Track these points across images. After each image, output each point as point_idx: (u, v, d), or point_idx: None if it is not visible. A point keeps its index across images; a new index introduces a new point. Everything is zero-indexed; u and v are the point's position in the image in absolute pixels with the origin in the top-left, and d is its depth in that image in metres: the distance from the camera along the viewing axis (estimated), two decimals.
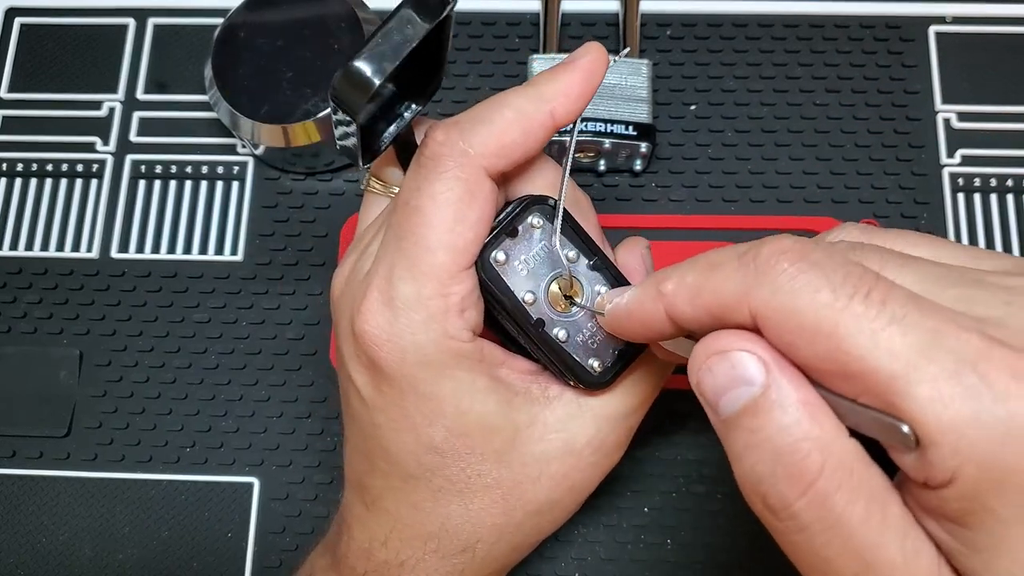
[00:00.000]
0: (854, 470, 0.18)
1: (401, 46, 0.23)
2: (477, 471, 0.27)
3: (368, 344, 0.26)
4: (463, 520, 0.28)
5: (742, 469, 0.19)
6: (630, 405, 0.29)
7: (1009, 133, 0.43)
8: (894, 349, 0.17)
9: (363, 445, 0.28)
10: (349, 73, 0.23)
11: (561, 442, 0.28)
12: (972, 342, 0.16)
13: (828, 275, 0.18)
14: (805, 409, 0.18)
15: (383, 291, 0.26)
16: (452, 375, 0.26)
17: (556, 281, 0.27)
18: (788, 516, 0.18)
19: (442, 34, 0.26)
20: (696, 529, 0.38)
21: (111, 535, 0.38)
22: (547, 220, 0.27)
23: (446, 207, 0.25)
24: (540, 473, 0.28)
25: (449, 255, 0.25)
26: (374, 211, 0.30)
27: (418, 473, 0.27)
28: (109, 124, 0.44)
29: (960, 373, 0.16)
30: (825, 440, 0.18)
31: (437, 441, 0.27)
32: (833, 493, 0.18)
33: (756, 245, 0.19)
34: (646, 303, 0.22)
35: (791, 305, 0.18)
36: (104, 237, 0.42)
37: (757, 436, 0.19)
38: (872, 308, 0.17)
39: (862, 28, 0.44)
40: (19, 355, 0.41)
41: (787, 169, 0.42)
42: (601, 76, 0.27)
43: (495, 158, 0.26)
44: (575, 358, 0.27)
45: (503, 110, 0.26)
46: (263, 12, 0.41)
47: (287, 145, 0.40)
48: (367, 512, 0.29)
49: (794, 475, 0.18)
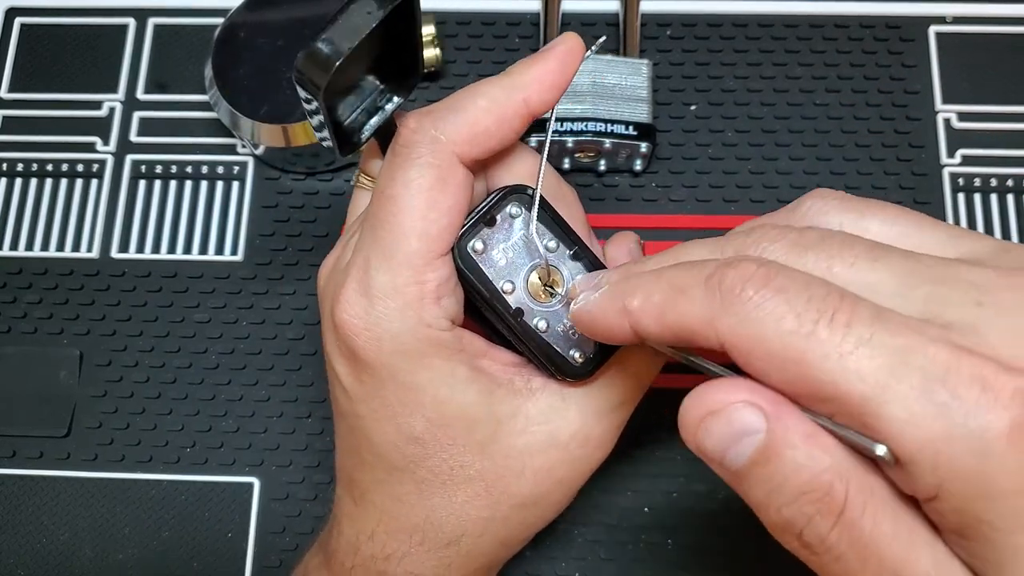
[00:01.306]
0: (873, 489, 0.18)
1: (360, 27, 0.24)
2: (460, 462, 0.27)
3: (346, 333, 0.26)
4: (447, 513, 0.28)
5: (769, 516, 0.19)
6: (616, 399, 0.28)
7: (1009, 133, 0.43)
8: (862, 372, 0.17)
9: (350, 439, 0.28)
10: (310, 53, 0.24)
11: (545, 435, 0.27)
12: (940, 356, 0.16)
13: (791, 301, 0.18)
14: (812, 441, 0.18)
15: (360, 280, 0.26)
16: (430, 364, 0.26)
17: (536, 271, 0.27)
18: (824, 549, 0.18)
19: (412, 20, 0.26)
20: (696, 529, 0.38)
21: (111, 535, 0.38)
22: (525, 209, 0.27)
23: (418, 194, 0.25)
24: (524, 466, 0.27)
25: (422, 242, 0.25)
26: (361, 205, 0.30)
27: (402, 465, 0.27)
28: (109, 124, 0.44)
29: (930, 391, 0.16)
30: (841, 467, 0.18)
31: (418, 431, 0.27)
32: (860, 517, 0.18)
33: (722, 268, 0.19)
34: (610, 315, 0.22)
35: (758, 334, 0.18)
36: (104, 237, 0.42)
37: (776, 481, 0.18)
38: (837, 333, 0.17)
39: (862, 28, 0.44)
40: (19, 355, 0.41)
41: (787, 169, 0.42)
42: (576, 65, 0.27)
43: (467, 145, 0.26)
44: (556, 348, 0.27)
45: (476, 99, 0.26)
46: (263, 12, 0.41)
47: (287, 145, 0.40)
48: (355, 507, 0.29)
49: (823, 509, 0.18)
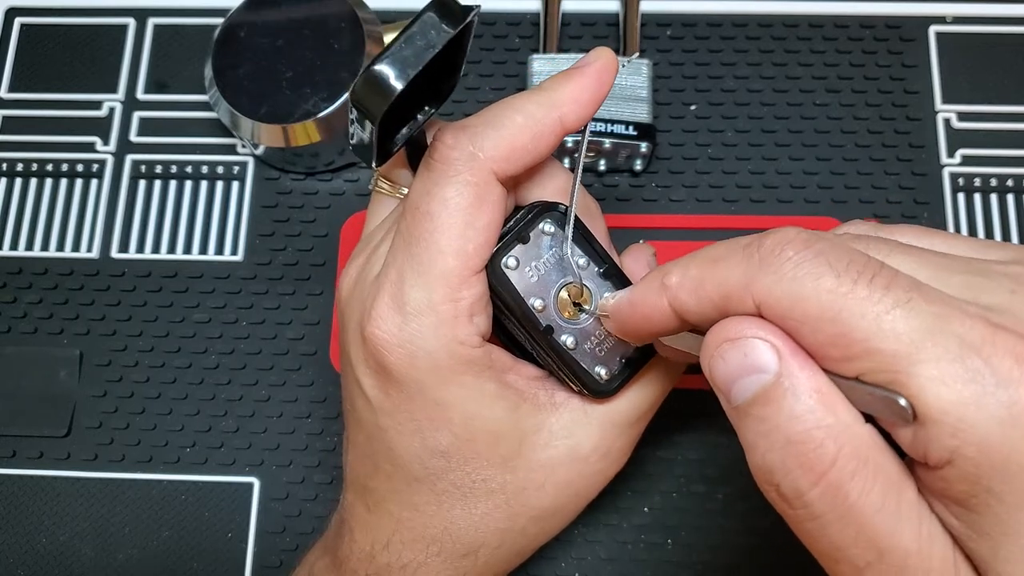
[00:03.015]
0: (869, 458, 0.18)
1: (423, 52, 0.23)
2: (482, 476, 0.27)
3: (378, 348, 0.26)
4: (467, 524, 0.28)
5: (754, 458, 0.19)
6: (636, 412, 0.29)
7: (1009, 133, 0.43)
8: (898, 331, 0.17)
9: (367, 447, 0.28)
10: (371, 76, 0.23)
11: (567, 449, 0.27)
12: (977, 328, 0.17)
13: (832, 262, 0.18)
14: (818, 397, 0.18)
15: (394, 296, 0.26)
16: (461, 381, 0.26)
17: (566, 288, 0.27)
18: (801, 505, 0.18)
19: (463, 39, 0.26)
20: (696, 529, 0.38)
21: (111, 535, 0.38)
22: (559, 227, 0.27)
23: (456, 212, 0.25)
24: (545, 480, 0.27)
25: (460, 260, 0.25)
26: (382, 212, 0.30)
27: (423, 476, 0.27)
28: (109, 124, 0.44)
29: (964, 356, 0.16)
30: (839, 428, 0.18)
31: (444, 446, 0.27)
32: (847, 482, 0.18)
33: (759, 236, 0.19)
34: (649, 296, 0.22)
35: (796, 292, 0.18)
36: (104, 237, 0.42)
37: (769, 424, 0.19)
38: (876, 292, 0.17)
39: (862, 28, 0.44)
40: (19, 355, 0.41)
41: (787, 169, 0.42)
42: (611, 82, 0.27)
43: (505, 162, 0.26)
44: (582, 365, 0.27)
45: (513, 115, 0.26)
46: (263, 12, 0.41)
47: (287, 145, 0.40)
48: (369, 514, 0.29)
49: (806, 464, 0.18)
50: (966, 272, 0.19)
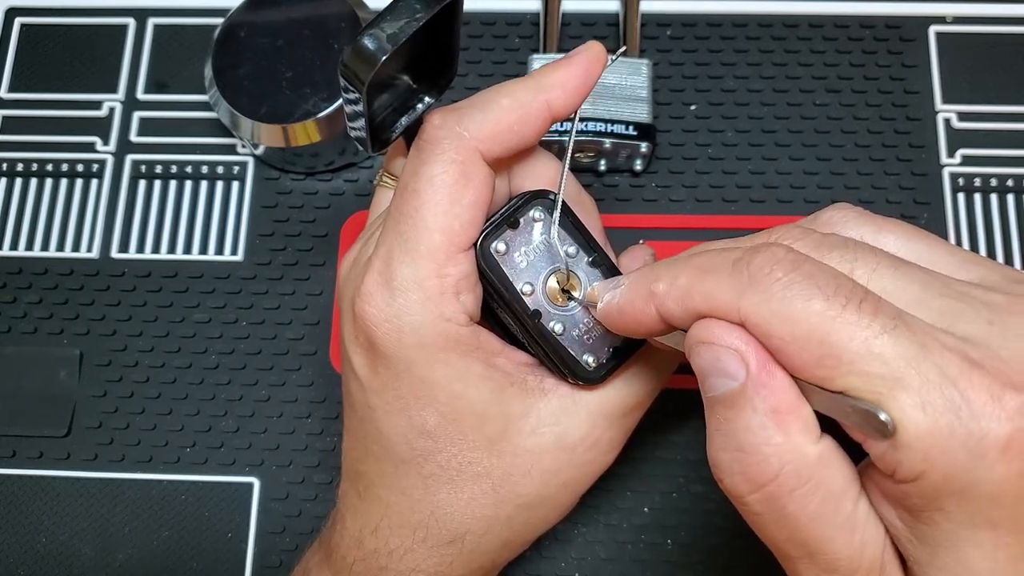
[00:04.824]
0: (812, 476, 0.19)
1: (408, 24, 0.24)
2: (468, 459, 0.27)
3: (366, 324, 0.26)
4: (452, 509, 0.28)
5: (710, 449, 0.21)
6: (626, 404, 0.29)
7: (1009, 133, 0.43)
8: (885, 356, 0.17)
9: (359, 430, 0.29)
10: (357, 47, 0.24)
11: (554, 436, 0.28)
12: (955, 361, 0.17)
13: (821, 285, 0.18)
14: (773, 416, 0.19)
15: (382, 272, 0.26)
16: (447, 359, 0.26)
17: (555, 275, 0.28)
18: (742, 504, 0.20)
19: (453, 22, 0.26)
20: (696, 529, 0.38)
21: (111, 535, 0.38)
22: (548, 214, 0.28)
23: (442, 188, 0.26)
24: (531, 466, 0.28)
25: (446, 236, 0.26)
26: (383, 203, 0.31)
27: (410, 458, 0.27)
28: (109, 124, 0.44)
29: (944, 386, 0.17)
30: (786, 448, 0.19)
31: (430, 425, 0.27)
32: (784, 496, 0.19)
33: (749, 252, 0.20)
34: (637, 302, 0.22)
35: (785, 312, 0.18)
36: (104, 237, 0.42)
37: (728, 426, 0.20)
38: (865, 318, 0.18)
39: (862, 28, 0.44)
40: (19, 355, 0.41)
41: (787, 169, 0.42)
42: (598, 72, 0.27)
43: (490, 143, 0.26)
44: (570, 352, 0.27)
45: (500, 98, 0.27)
46: (263, 12, 0.41)
47: (287, 145, 0.40)
48: (360, 500, 0.29)
49: (748, 474, 0.19)
50: (947, 296, 0.19)
